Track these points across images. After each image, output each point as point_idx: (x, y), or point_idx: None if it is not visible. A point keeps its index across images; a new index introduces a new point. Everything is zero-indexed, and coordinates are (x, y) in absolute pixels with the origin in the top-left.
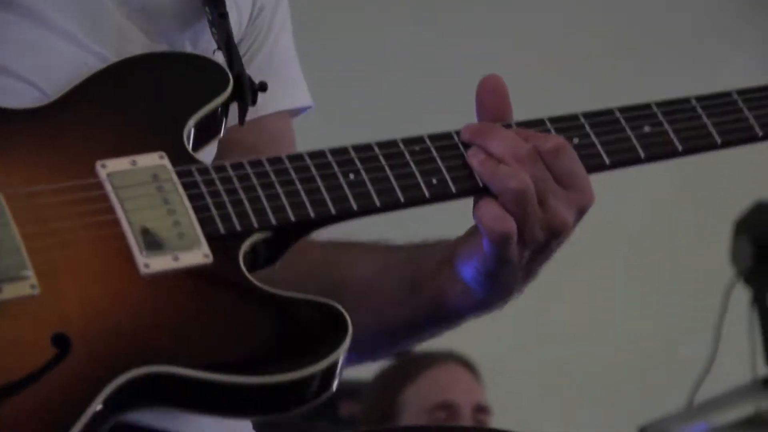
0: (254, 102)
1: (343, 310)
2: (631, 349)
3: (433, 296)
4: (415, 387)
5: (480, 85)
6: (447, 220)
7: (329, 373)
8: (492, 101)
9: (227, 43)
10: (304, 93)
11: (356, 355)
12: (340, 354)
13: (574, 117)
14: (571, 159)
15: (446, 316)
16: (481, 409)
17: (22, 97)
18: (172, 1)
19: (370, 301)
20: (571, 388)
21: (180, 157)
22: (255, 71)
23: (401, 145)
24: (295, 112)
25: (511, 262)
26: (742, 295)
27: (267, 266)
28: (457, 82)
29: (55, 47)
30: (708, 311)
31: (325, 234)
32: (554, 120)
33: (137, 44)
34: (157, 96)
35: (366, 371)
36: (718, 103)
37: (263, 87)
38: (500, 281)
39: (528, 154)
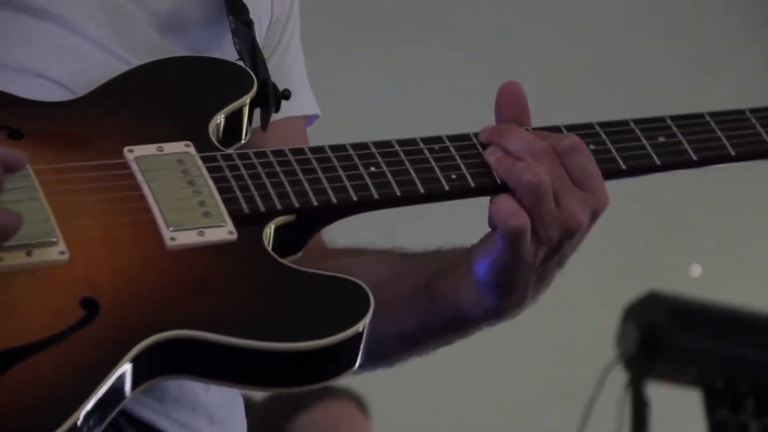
0: (278, 109)
1: (365, 286)
2: (498, 410)
3: (446, 301)
4: (309, 416)
5: (499, 91)
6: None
7: (353, 345)
8: (510, 108)
9: (252, 50)
10: (311, 101)
11: (370, 361)
12: (365, 324)
13: (589, 125)
14: (587, 159)
15: (459, 322)
16: None
17: (54, 98)
18: (199, 13)
19: (381, 305)
20: None
21: (205, 148)
22: None
23: (420, 143)
24: (305, 121)
25: (525, 260)
26: (619, 379)
27: (290, 255)
28: (465, 95)
29: (90, 55)
30: (583, 387)
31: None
32: (570, 128)
33: (167, 55)
34: (185, 93)
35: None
36: (731, 119)
37: (286, 95)
38: (513, 281)
39: (544, 150)
